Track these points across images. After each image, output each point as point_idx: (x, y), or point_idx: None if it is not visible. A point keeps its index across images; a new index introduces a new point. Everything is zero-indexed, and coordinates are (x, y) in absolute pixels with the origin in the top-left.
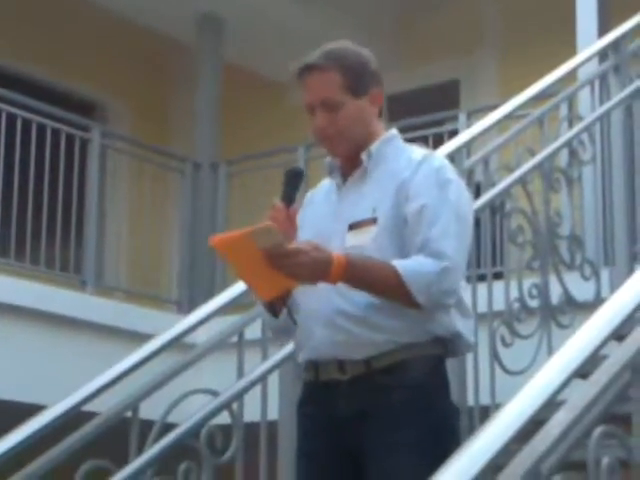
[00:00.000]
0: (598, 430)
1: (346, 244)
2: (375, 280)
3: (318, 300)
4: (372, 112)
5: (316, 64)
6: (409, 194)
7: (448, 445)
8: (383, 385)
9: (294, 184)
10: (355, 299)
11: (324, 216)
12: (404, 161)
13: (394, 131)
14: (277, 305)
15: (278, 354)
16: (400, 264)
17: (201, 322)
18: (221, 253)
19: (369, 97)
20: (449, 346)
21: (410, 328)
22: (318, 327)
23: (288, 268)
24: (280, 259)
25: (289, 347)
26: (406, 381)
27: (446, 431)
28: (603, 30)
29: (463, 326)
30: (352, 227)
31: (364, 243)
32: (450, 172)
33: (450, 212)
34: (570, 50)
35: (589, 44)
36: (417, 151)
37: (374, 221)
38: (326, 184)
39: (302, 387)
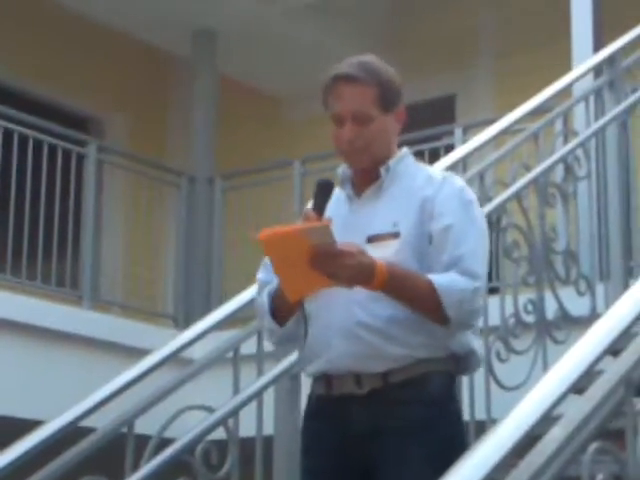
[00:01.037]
0: (593, 446)
1: None
2: (410, 290)
3: (336, 312)
4: (396, 129)
5: (353, 75)
6: (434, 212)
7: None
8: (399, 400)
9: (325, 195)
10: (376, 312)
11: (334, 226)
12: (423, 179)
13: (406, 149)
14: (286, 313)
15: (274, 370)
16: (435, 278)
17: (198, 337)
18: (265, 247)
19: (395, 114)
20: (461, 363)
21: (429, 343)
22: (336, 339)
23: (334, 268)
24: (328, 258)
25: (285, 363)
26: (422, 396)
27: (458, 446)
28: (598, 46)
29: (476, 344)
30: (370, 240)
31: (386, 256)
32: (471, 193)
33: (477, 233)
34: (565, 64)
35: (584, 59)
36: (435, 170)
37: (396, 235)
38: (336, 193)
39: (310, 400)
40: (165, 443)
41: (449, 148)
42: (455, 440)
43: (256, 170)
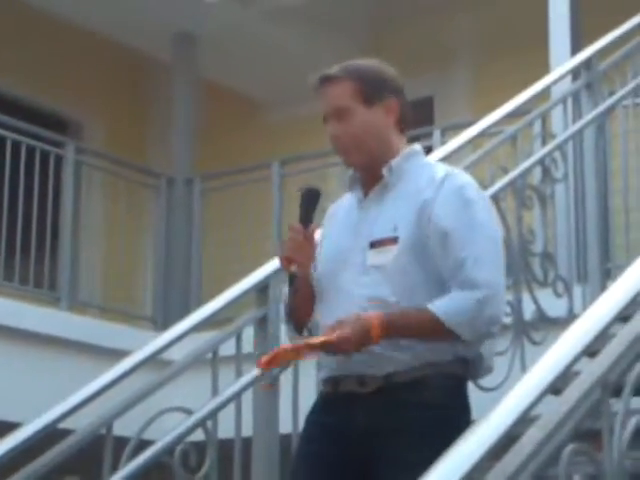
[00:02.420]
0: (569, 448)
1: (367, 263)
2: (417, 330)
3: (340, 316)
4: (386, 122)
5: (329, 75)
6: (432, 215)
7: None
8: (402, 400)
9: (311, 204)
10: None
11: (344, 230)
12: (426, 179)
13: (416, 147)
14: (302, 325)
15: (253, 371)
16: (439, 308)
17: (177, 339)
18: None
19: (383, 107)
20: (470, 367)
21: (434, 348)
22: None
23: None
24: (328, 348)
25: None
26: (425, 398)
27: None
28: (576, 49)
29: (485, 348)
30: (373, 245)
31: (385, 263)
32: (472, 190)
33: (480, 236)
34: (543, 67)
35: (562, 62)
36: (439, 169)
37: (395, 240)
38: (348, 197)
39: (319, 397)
40: (144, 445)
41: (427, 150)
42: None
43: (235, 172)
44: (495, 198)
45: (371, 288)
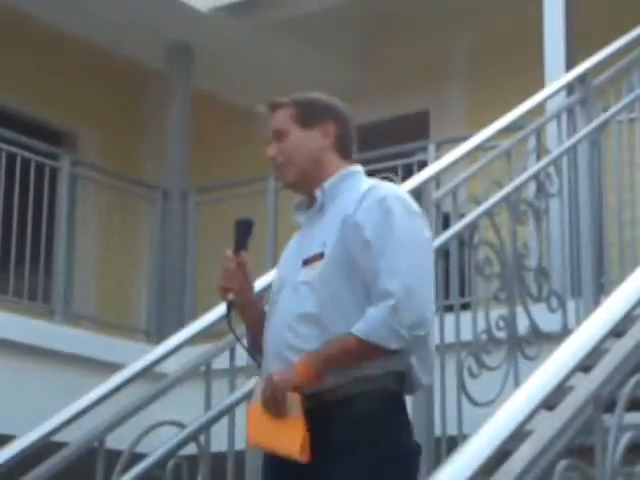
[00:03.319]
0: (562, 463)
1: (298, 279)
2: (346, 355)
3: (272, 337)
4: (322, 144)
5: (275, 102)
6: (354, 227)
7: None
8: (335, 417)
9: (244, 233)
10: (303, 332)
11: (290, 255)
12: (354, 195)
13: (356, 167)
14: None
15: (246, 385)
16: (359, 329)
17: (171, 352)
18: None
19: (320, 130)
20: (405, 381)
21: (362, 363)
22: (273, 362)
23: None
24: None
25: (257, 378)
26: (350, 416)
27: (391, 468)
28: (570, 64)
29: (417, 359)
30: (305, 263)
31: (311, 278)
32: (393, 201)
33: (396, 245)
34: (538, 82)
35: (557, 77)
36: (366, 184)
37: (322, 256)
38: None
39: None
40: (136, 458)
41: (422, 164)
42: (388, 461)
43: (230, 184)
44: (489, 213)
45: (299, 305)
